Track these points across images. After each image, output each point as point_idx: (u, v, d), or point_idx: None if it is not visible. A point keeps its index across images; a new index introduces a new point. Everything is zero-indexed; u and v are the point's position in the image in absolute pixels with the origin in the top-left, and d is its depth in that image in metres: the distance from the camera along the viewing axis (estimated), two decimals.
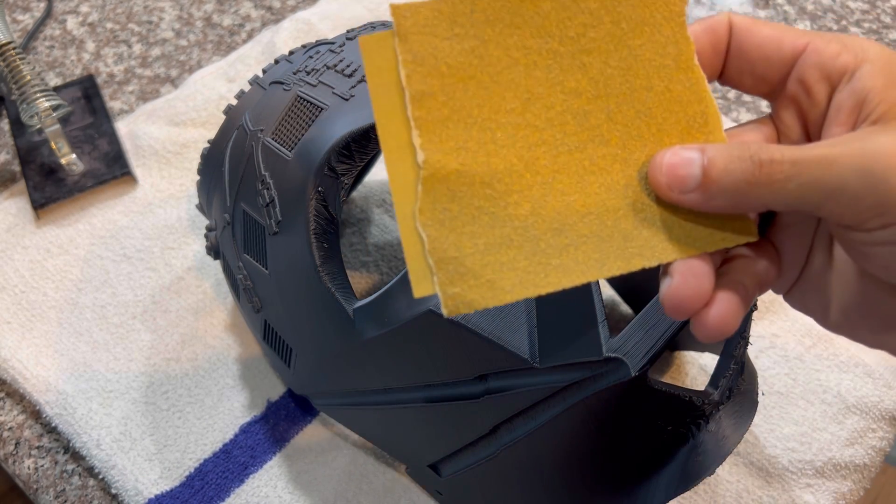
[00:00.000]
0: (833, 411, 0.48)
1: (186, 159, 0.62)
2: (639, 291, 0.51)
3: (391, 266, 0.56)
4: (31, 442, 0.48)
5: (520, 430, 0.33)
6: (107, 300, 0.54)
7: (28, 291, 0.54)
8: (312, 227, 0.36)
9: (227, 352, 0.51)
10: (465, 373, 0.33)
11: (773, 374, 0.50)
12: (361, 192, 0.60)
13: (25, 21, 0.75)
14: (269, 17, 0.76)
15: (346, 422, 0.44)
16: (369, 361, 0.37)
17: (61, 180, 0.59)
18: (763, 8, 0.77)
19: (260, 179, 0.39)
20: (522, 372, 0.31)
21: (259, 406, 0.49)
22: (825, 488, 0.45)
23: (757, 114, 0.67)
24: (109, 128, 0.63)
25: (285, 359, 0.43)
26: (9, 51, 0.55)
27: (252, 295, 0.42)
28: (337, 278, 0.37)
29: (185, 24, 0.75)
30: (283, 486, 0.45)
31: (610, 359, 0.28)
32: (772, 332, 0.52)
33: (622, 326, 0.31)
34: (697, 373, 0.50)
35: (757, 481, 0.45)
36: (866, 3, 0.78)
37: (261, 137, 0.40)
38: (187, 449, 0.47)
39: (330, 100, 0.39)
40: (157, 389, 0.49)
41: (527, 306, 0.31)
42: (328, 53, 0.42)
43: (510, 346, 0.30)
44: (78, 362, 0.50)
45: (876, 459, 0.47)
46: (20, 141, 0.61)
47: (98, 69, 0.71)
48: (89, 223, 0.58)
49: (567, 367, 0.29)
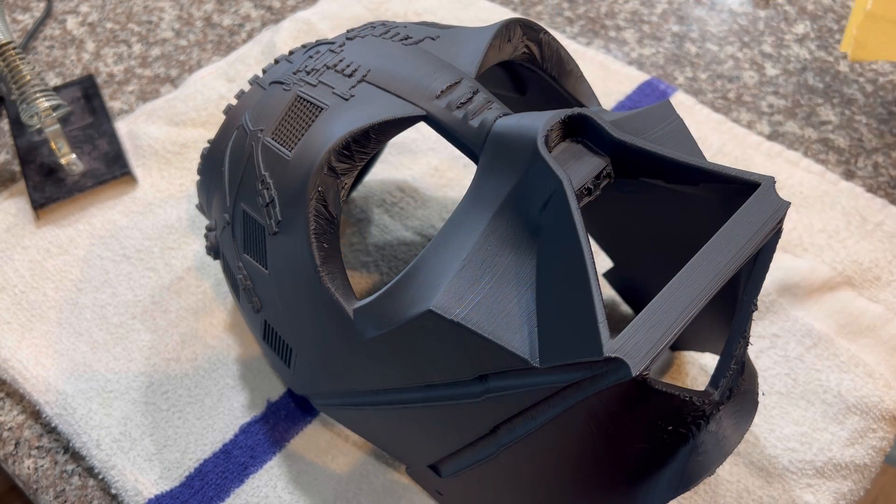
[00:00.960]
0: (833, 411, 0.48)
1: (186, 159, 0.62)
2: (639, 291, 0.51)
3: (391, 266, 0.56)
4: (31, 442, 0.48)
5: (520, 431, 0.33)
6: (106, 300, 0.54)
7: (28, 291, 0.54)
8: (312, 227, 0.36)
9: (227, 352, 0.51)
10: (466, 373, 0.33)
11: (773, 375, 0.50)
12: (361, 192, 0.60)
13: (25, 21, 0.75)
14: (269, 17, 0.76)
15: (345, 422, 0.44)
16: (369, 361, 0.36)
17: (61, 180, 0.59)
18: (763, 8, 0.77)
19: (260, 179, 0.39)
20: (522, 372, 0.31)
21: (259, 406, 0.49)
22: (825, 488, 0.45)
23: (757, 113, 0.67)
24: (109, 128, 0.63)
25: (285, 359, 0.43)
26: (9, 51, 0.55)
27: (252, 295, 0.42)
28: (337, 278, 0.37)
29: (185, 24, 0.75)
30: (282, 487, 0.45)
31: (610, 359, 0.28)
32: (772, 333, 0.52)
33: (622, 326, 0.31)
34: (697, 373, 0.50)
35: (757, 481, 0.45)
36: None
37: (261, 137, 0.40)
38: (187, 449, 0.47)
39: (330, 100, 0.39)
40: (156, 389, 0.49)
41: (527, 306, 0.31)
42: (328, 53, 0.42)
43: (510, 346, 0.30)
44: (78, 362, 0.50)
45: (876, 460, 0.47)
46: (20, 141, 0.61)
47: (98, 69, 0.71)
48: (89, 223, 0.58)
49: (567, 368, 0.29)
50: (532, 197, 0.32)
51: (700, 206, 0.36)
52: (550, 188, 0.31)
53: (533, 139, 0.32)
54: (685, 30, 0.75)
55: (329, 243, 0.37)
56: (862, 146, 0.64)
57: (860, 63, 0.71)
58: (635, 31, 0.75)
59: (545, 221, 0.32)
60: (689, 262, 0.31)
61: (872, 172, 0.62)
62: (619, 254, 0.51)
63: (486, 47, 0.39)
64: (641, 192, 0.36)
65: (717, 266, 0.31)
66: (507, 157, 0.33)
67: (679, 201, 0.37)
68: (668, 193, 0.36)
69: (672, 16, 0.77)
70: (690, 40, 0.74)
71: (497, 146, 0.34)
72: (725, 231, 0.32)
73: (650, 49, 0.73)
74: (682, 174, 0.34)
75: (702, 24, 0.76)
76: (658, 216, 0.42)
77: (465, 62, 0.39)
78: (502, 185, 0.33)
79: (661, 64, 0.71)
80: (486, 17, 0.75)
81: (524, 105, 0.48)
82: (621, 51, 0.73)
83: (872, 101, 0.68)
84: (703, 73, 0.70)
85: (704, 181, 0.34)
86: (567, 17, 0.77)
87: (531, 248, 0.32)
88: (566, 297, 0.30)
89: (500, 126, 0.34)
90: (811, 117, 0.67)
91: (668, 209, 0.39)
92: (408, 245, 0.57)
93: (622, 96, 0.67)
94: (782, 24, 0.75)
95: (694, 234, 0.36)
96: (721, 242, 0.31)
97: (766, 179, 0.34)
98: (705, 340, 0.47)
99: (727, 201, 0.34)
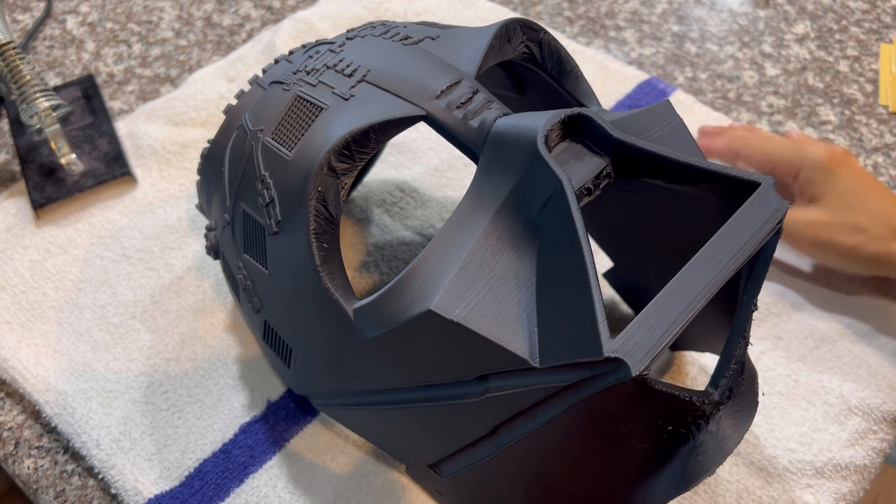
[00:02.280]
0: (835, 412, 0.48)
1: (186, 159, 0.62)
2: (639, 291, 0.51)
3: (391, 266, 0.56)
4: (31, 442, 0.48)
5: (520, 431, 0.33)
6: (106, 300, 0.54)
7: (28, 291, 0.54)
8: (312, 227, 0.36)
9: (227, 352, 0.51)
10: (465, 373, 0.33)
11: (774, 375, 0.50)
12: (361, 192, 0.60)
13: (25, 21, 0.75)
14: (269, 17, 0.76)
15: (345, 422, 0.44)
16: (369, 361, 0.36)
17: (61, 180, 0.59)
18: (763, 8, 0.77)
19: (260, 179, 0.39)
20: (522, 372, 0.31)
21: (259, 406, 0.49)
22: (825, 489, 0.45)
23: (757, 114, 0.67)
24: (109, 128, 0.63)
25: (285, 359, 0.43)
26: (9, 51, 0.55)
27: (252, 295, 0.42)
28: (337, 278, 0.37)
29: (185, 24, 0.75)
30: (282, 486, 0.45)
31: (610, 359, 0.28)
32: (774, 335, 0.52)
33: (622, 326, 0.31)
34: (697, 373, 0.50)
35: (757, 481, 0.45)
36: (866, 3, 0.78)
37: (261, 137, 0.40)
38: (187, 449, 0.47)
39: (330, 100, 0.38)
40: (156, 389, 0.49)
41: (527, 306, 0.31)
42: (328, 53, 0.42)
43: (510, 346, 0.30)
44: (78, 362, 0.50)
45: (876, 461, 0.47)
46: (20, 141, 0.61)
47: (98, 69, 0.71)
48: (89, 223, 0.58)
49: (567, 368, 0.29)
50: (532, 197, 0.32)
51: (700, 206, 0.36)
52: (550, 188, 0.31)
53: (533, 139, 0.32)
54: (685, 30, 0.75)
55: (329, 243, 0.37)
56: (862, 146, 0.64)
57: (860, 63, 0.71)
58: (635, 31, 0.75)
59: (545, 221, 0.32)
60: (689, 262, 0.31)
61: (872, 172, 0.62)
62: (619, 254, 0.51)
63: (486, 47, 0.39)
64: (641, 192, 0.36)
65: (717, 266, 0.31)
66: (507, 157, 0.33)
67: (679, 201, 0.37)
68: (668, 193, 0.36)
69: (672, 16, 0.76)
70: (690, 40, 0.74)
71: (497, 146, 0.34)
72: (725, 231, 0.32)
73: (650, 49, 0.73)
74: (682, 174, 0.34)
75: (702, 24, 0.76)
76: (658, 216, 0.42)
77: (465, 62, 0.39)
78: (502, 185, 0.33)
79: (660, 64, 0.71)
80: (486, 17, 0.75)
81: (524, 105, 0.48)
82: (621, 50, 0.73)
83: (872, 101, 0.68)
84: (703, 72, 0.70)
85: (704, 181, 0.34)
86: (567, 17, 0.77)
87: (531, 249, 0.32)
88: (566, 297, 0.30)
89: (499, 126, 0.34)
90: (811, 117, 0.67)
91: (668, 209, 0.39)
92: (408, 245, 0.57)
93: (622, 96, 0.67)
94: (782, 24, 0.75)
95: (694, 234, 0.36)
96: (721, 242, 0.31)
97: (765, 179, 0.33)
98: (705, 340, 0.47)
99: (727, 201, 0.34)
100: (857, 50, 0.73)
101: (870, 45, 0.73)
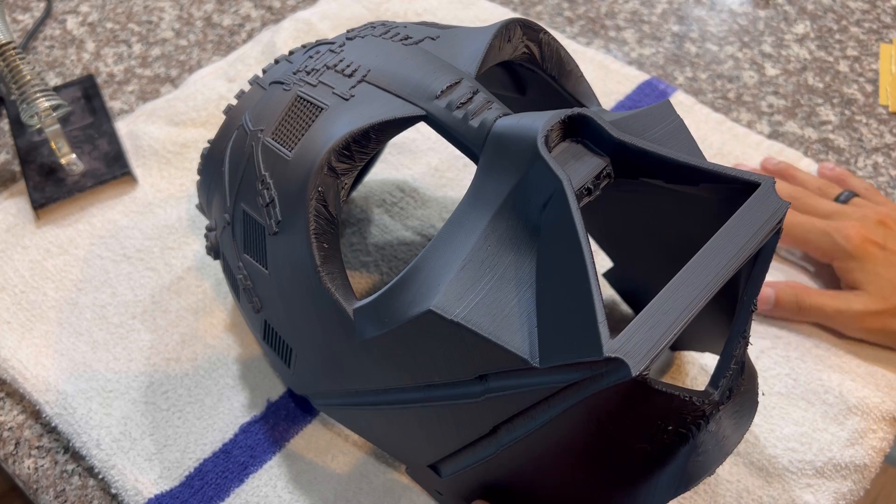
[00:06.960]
0: (834, 412, 0.48)
1: (186, 159, 0.62)
2: (639, 291, 0.51)
3: (391, 266, 0.56)
4: (31, 442, 0.48)
5: (520, 431, 0.33)
6: (107, 300, 0.54)
7: (28, 291, 0.54)
8: (312, 227, 0.36)
9: (227, 352, 0.51)
10: (466, 373, 0.33)
11: (774, 375, 0.50)
12: (361, 192, 0.60)
13: (25, 21, 0.75)
14: (269, 17, 0.76)
15: (346, 422, 0.44)
16: (369, 361, 0.36)
17: (61, 180, 0.59)
18: (763, 8, 0.77)
19: (260, 179, 0.39)
20: (522, 372, 0.31)
21: (259, 406, 0.49)
22: (825, 488, 0.45)
23: (757, 113, 0.67)
24: (109, 128, 0.63)
25: (285, 359, 0.43)
26: (9, 51, 0.55)
27: (252, 295, 0.42)
28: (337, 278, 0.37)
29: (185, 24, 0.75)
30: (282, 486, 0.45)
31: (610, 359, 0.28)
32: (773, 334, 0.52)
33: (622, 326, 0.31)
34: (697, 373, 0.50)
35: (757, 481, 0.45)
36: (866, 3, 0.78)
37: (261, 137, 0.40)
38: (187, 449, 0.47)
39: (330, 100, 0.39)
40: (156, 389, 0.49)
41: (527, 306, 0.31)
42: (328, 53, 0.42)
43: (510, 346, 0.30)
44: (78, 362, 0.50)
45: (876, 460, 0.47)
46: (20, 141, 0.61)
47: (98, 69, 0.71)
48: (89, 223, 0.58)
49: (567, 368, 0.29)
50: (532, 197, 0.32)
51: (700, 206, 0.36)
52: (550, 188, 0.31)
53: (533, 139, 0.32)
54: (685, 30, 0.75)
55: (329, 243, 0.37)
56: (862, 146, 0.64)
57: (860, 63, 0.71)
58: (635, 31, 0.75)
59: (545, 221, 0.32)
60: (689, 262, 0.31)
61: (872, 172, 0.62)
62: (619, 254, 0.51)
63: (486, 47, 0.39)
64: (641, 192, 0.36)
65: (717, 266, 0.31)
66: (507, 157, 0.33)
67: (679, 201, 0.37)
68: (668, 193, 0.36)
69: (672, 16, 0.77)
70: (690, 40, 0.74)
71: (497, 146, 0.34)
72: (725, 231, 0.32)
73: (650, 49, 0.73)
74: (682, 174, 0.34)
75: (702, 24, 0.76)
76: (658, 216, 0.42)
77: (465, 62, 0.39)
78: (502, 185, 0.33)
79: (660, 64, 0.71)
80: (486, 17, 0.75)
81: (524, 105, 0.48)
82: (621, 51, 0.73)
83: (872, 101, 0.68)
84: (702, 73, 0.70)
85: (704, 181, 0.34)
86: (567, 17, 0.77)
87: (531, 248, 0.32)
88: (566, 297, 0.30)
89: (500, 126, 0.34)
90: (811, 117, 0.67)
91: (668, 209, 0.39)
92: (408, 245, 0.57)
93: (622, 96, 0.67)
94: (782, 24, 0.75)
95: (694, 234, 0.36)
96: (721, 242, 0.31)
97: (765, 179, 0.33)
98: (705, 340, 0.47)
99: (727, 201, 0.34)
100: (857, 50, 0.73)
101: (870, 45, 0.73)
